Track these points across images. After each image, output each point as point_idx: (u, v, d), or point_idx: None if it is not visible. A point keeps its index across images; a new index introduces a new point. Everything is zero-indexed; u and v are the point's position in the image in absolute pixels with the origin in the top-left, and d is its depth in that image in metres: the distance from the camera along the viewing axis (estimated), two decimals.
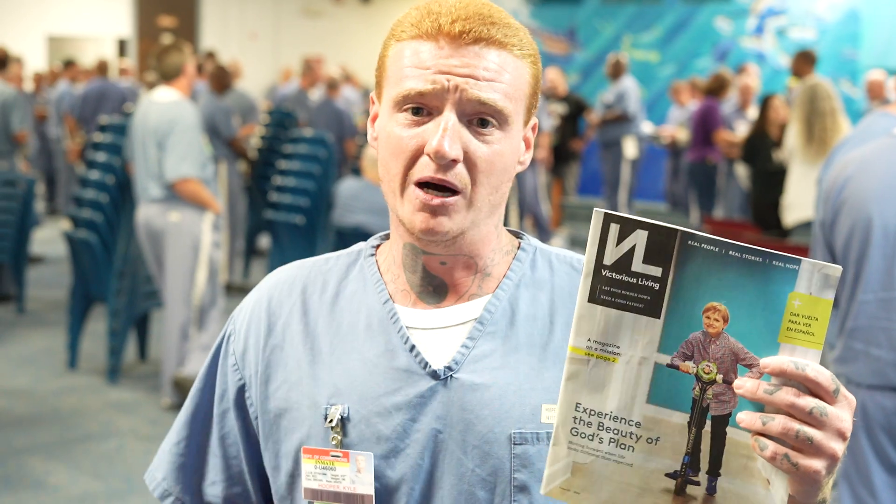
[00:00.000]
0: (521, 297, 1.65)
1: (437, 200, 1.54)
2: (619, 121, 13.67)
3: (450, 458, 1.58)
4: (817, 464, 1.30)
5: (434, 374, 1.60)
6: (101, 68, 14.49)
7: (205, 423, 1.79)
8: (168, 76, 7.06)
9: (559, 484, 1.40)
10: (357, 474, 1.59)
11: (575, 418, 1.39)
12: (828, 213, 3.88)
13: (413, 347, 1.61)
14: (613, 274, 1.36)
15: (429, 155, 1.53)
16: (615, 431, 1.38)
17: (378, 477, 1.60)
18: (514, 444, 1.57)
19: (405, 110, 1.56)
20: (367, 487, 1.59)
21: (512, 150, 1.60)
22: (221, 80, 10.47)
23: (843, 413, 1.32)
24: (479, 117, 1.55)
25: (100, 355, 8.20)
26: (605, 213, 1.35)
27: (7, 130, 10.04)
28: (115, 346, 7.70)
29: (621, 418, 1.38)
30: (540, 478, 1.52)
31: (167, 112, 6.87)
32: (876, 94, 10.75)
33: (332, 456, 1.61)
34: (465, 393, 1.59)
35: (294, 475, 1.66)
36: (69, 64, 16.22)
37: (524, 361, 1.60)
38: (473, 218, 1.58)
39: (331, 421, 1.60)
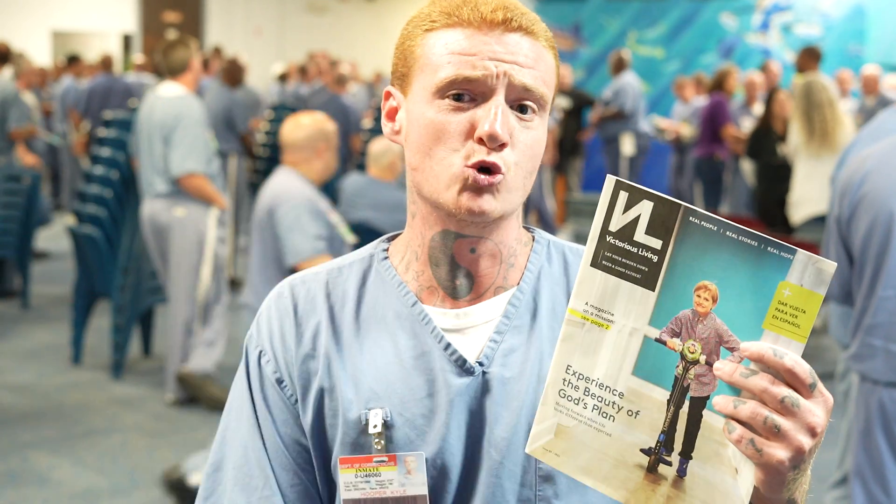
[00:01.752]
0: (542, 289, 1.67)
1: (485, 180, 1.54)
2: (615, 118, 13.67)
3: (481, 451, 1.59)
4: (781, 453, 1.30)
5: (469, 371, 1.60)
6: (106, 64, 14.49)
7: (285, 461, 1.68)
8: (174, 71, 7.05)
9: (542, 444, 1.42)
10: (407, 476, 1.59)
11: (564, 380, 1.41)
12: (845, 208, 3.86)
13: (448, 346, 1.61)
14: (617, 241, 1.37)
15: (481, 138, 1.54)
16: (599, 399, 1.40)
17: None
18: None
19: (447, 97, 1.57)
20: (419, 488, 1.59)
21: (544, 137, 1.62)
22: (234, 74, 10.47)
23: (816, 408, 1.31)
24: (521, 103, 1.57)
25: (104, 351, 8.20)
26: (617, 180, 1.36)
27: (3, 127, 10.03)
28: (119, 341, 7.70)
29: (606, 386, 1.40)
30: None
31: (173, 107, 6.87)
32: (870, 88, 10.75)
33: (377, 462, 1.60)
34: (496, 387, 1.60)
35: (329, 485, 1.65)
36: (73, 59, 16.21)
37: (548, 353, 1.62)
38: (512, 200, 1.59)
39: (375, 426, 1.59)
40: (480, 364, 1.60)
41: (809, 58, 11.32)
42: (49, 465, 6.08)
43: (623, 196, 1.36)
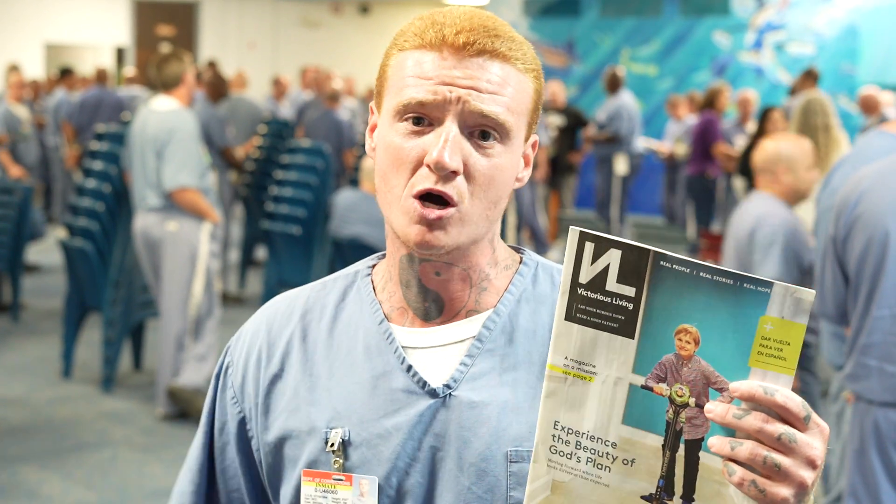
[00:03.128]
0: (522, 312, 1.63)
1: (434, 214, 1.51)
2: (609, 142, 13.70)
3: (448, 475, 1.57)
4: (785, 491, 1.29)
5: (433, 393, 1.58)
6: (100, 76, 14.48)
7: (209, 459, 1.77)
8: (168, 85, 7.04)
9: (539, 502, 1.40)
10: (360, 498, 1.58)
11: (554, 436, 1.39)
12: (840, 228, 3.86)
13: (410, 367, 1.59)
14: (588, 293, 1.36)
15: (428, 166, 1.51)
16: (592, 451, 1.38)
17: (380, 499, 1.58)
18: (511, 461, 1.55)
19: (406, 119, 1.54)
20: None
21: (511, 165, 1.58)
22: (218, 88, 10.45)
23: (813, 441, 1.30)
24: (481, 129, 1.53)
25: (94, 364, 8.18)
26: (581, 232, 1.35)
27: None
28: (109, 355, 7.68)
29: (598, 438, 1.38)
30: None
31: (166, 121, 6.86)
32: (870, 109, 10.76)
33: (335, 479, 1.59)
34: (463, 411, 1.57)
35: (294, 502, 1.64)
36: (66, 72, 16.20)
37: (522, 379, 1.59)
38: (469, 232, 1.55)
39: (332, 445, 1.58)
40: (448, 387, 1.58)
41: (807, 80, 11.35)
42: (38, 479, 6.05)
43: (589, 247, 1.35)
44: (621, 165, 13.69)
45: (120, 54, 23.06)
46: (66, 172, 14.06)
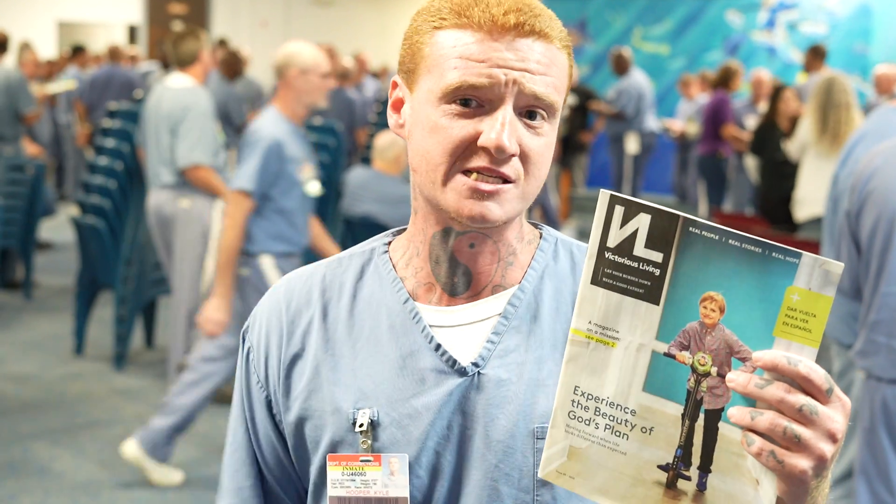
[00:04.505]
0: (545, 289, 1.63)
1: (489, 187, 1.51)
2: (616, 118, 13.68)
3: (475, 453, 1.57)
4: (804, 463, 1.27)
5: (462, 372, 1.58)
6: (113, 54, 14.47)
7: (251, 452, 1.75)
8: (183, 62, 7.04)
9: (555, 467, 1.39)
10: (390, 477, 1.57)
11: (573, 401, 1.38)
12: (854, 203, 3.86)
13: (439, 346, 1.59)
14: (616, 257, 1.35)
15: (487, 148, 1.49)
16: (610, 417, 1.37)
17: (410, 479, 1.58)
18: (538, 438, 1.55)
19: (454, 102, 1.52)
20: (401, 490, 1.58)
21: (553, 142, 1.58)
22: (233, 66, 10.44)
23: (834, 414, 1.29)
24: (530, 109, 1.52)
25: (106, 342, 8.20)
26: (611, 195, 1.33)
27: (12, 115, 10.02)
28: (121, 332, 7.70)
29: (617, 405, 1.37)
30: None
31: (181, 98, 6.85)
32: (884, 88, 10.71)
33: (363, 461, 1.58)
34: (491, 388, 1.57)
35: (319, 484, 1.64)
36: (78, 50, 16.19)
37: (548, 356, 1.59)
38: (520, 208, 1.56)
39: (361, 425, 1.58)
40: (476, 365, 1.58)
41: (815, 57, 11.30)
42: (50, 456, 6.08)
43: (619, 210, 1.33)
44: (632, 144, 13.67)
45: (132, 32, 23.03)
46: (78, 150, 14.06)
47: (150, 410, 6.81)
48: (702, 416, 1.33)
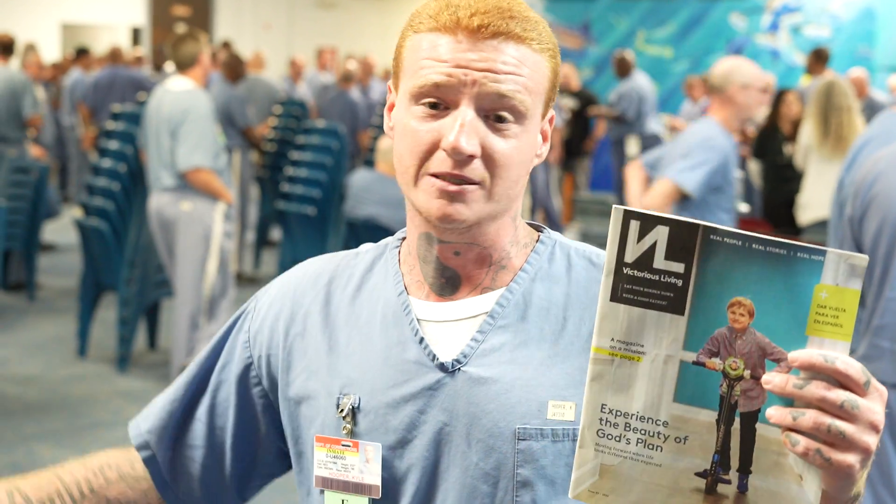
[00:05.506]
0: (536, 290, 1.64)
1: (454, 188, 1.53)
2: (617, 121, 13.70)
3: (455, 450, 1.58)
4: (851, 458, 1.27)
5: (442, 367, 1.59)
6: (115, 56, 14.47)
7: (200, 388, 1.82)
8: (183, 65, 7.05)
9: (587, 487, 1.38)
10: (365, 464, 1.60)
11: (601, 419, 1.37)
12: (857, 208, 3.86)
13: (422, 339, 1.61)
14: (635, 272, 1.34)
15: (445, 150, 1.52)
16: (642, 432, 1.36)
17: (385, 467, 1.60)
18: (519, 439, 1.55)
19: (422, 104, 1.55)
20: (374, 478, 1.60)
21: (530, 144, 1.59)
22: (235, 69, 10.45)
23: (874, 405, 1.29)
24: (497, 112, 1.54)
25: (109, 344, 8.21)
26: (625, 210, 1.33)
27: (17, 117, 10.02)
28: (124, 334, 7.70)
29: (648, 418, 1.36)
30: (543, 474, 1.54)
31: (181, 101, 6.86)
32: (858, 92, 10.72)
33: (343, 445, 1.62)
34: (471, 386, 1.58)
35: (311, 459, 1.68)
36: (82, 52, 16.20)
37: (534, 356, 1.59)
38: (491, 210, 1.57)
39: (342, 410, 1.61)
40: (457, 362, 1.59)
41: (816, 60, 11.29)
42: (53, 457, 6.08)
43: (635, 225, 1.32)
44: (633, 147, 13.69)
45: (136, 34, 23.05)
46: (82, 152, 14.07)
47: None
48: (737, 419, 1.33)
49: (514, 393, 1.57)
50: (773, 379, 1.29)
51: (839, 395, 1.27)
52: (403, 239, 1.73)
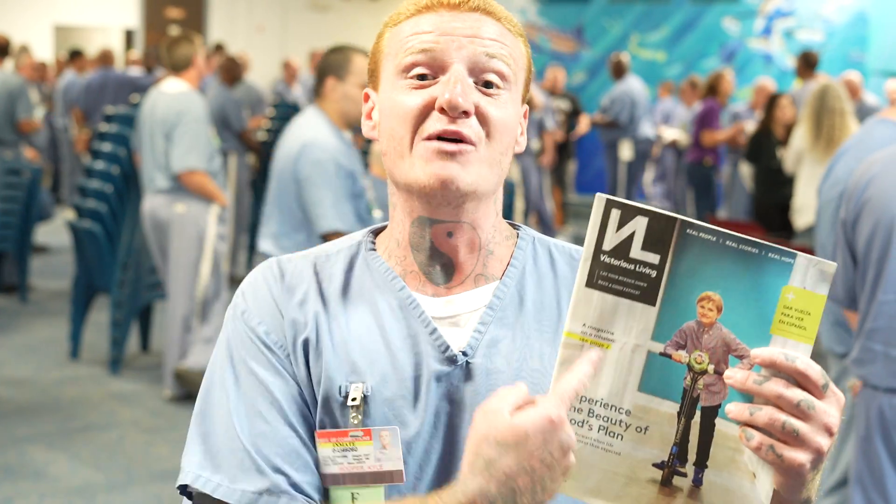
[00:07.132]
0: (528, 284, 1.66)
1: (451, 146, 1.54)
2: (610, 127, 13.75)
3: (462, 441, 1.57)
4: (802, 456, 1.31)
5: (452, 359, 1.60)
6: (106, 58, 14.46)
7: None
8: (177, 67, 7.05)
9: None
10: (382, 451, 1.57)
11: None
12: (850, 212, 3.87)
13: (434, 331, 1.61)
14: (612, 259, 1.36)
15: (441, 108, 1.54)
16: (605, 419, 1.38)
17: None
18: None
19: (411, 76, 1.58)
20: (395, 463, 1.57)
21: (515, 116, 1.62)
22: (232, 72, 10.45)
23: (830, 408, 1.33)
24: (485, 78, 1.58)
25: (102, 346, 8.20)
26: (607, 199, 1.35)
27: (12, 120, 10.01)
28: (117, 336, 7.70)
29: (611, 405, 1.38)
30: None
31: (175, 103, 6.87)
32: (851, 94, 10.75)
33: (352, 436, 1.57)
34: (479, 377, 1.59)
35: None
36: (75, 54, 16.19)
37: (535, 348, 1.61)
38: (485, 176, 1.58)
39: (353, 399, 1.57)
40: (465, 354, 1.60)
41: (804, 64, 11.30)
42: (45, 459, 6.08)
43: (615, 214, 1.35)
44: (626, 151, 13.73)
45: (129, 36, 23.03)
46: (75, 154, 14.05)
47: (146, 414, 6.82)
48: (698, 413, 1.35)
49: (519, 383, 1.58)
50: (734, 375, 1.32)
51: (796, 394, 1.31)
52: (376, 235, 1.73)
